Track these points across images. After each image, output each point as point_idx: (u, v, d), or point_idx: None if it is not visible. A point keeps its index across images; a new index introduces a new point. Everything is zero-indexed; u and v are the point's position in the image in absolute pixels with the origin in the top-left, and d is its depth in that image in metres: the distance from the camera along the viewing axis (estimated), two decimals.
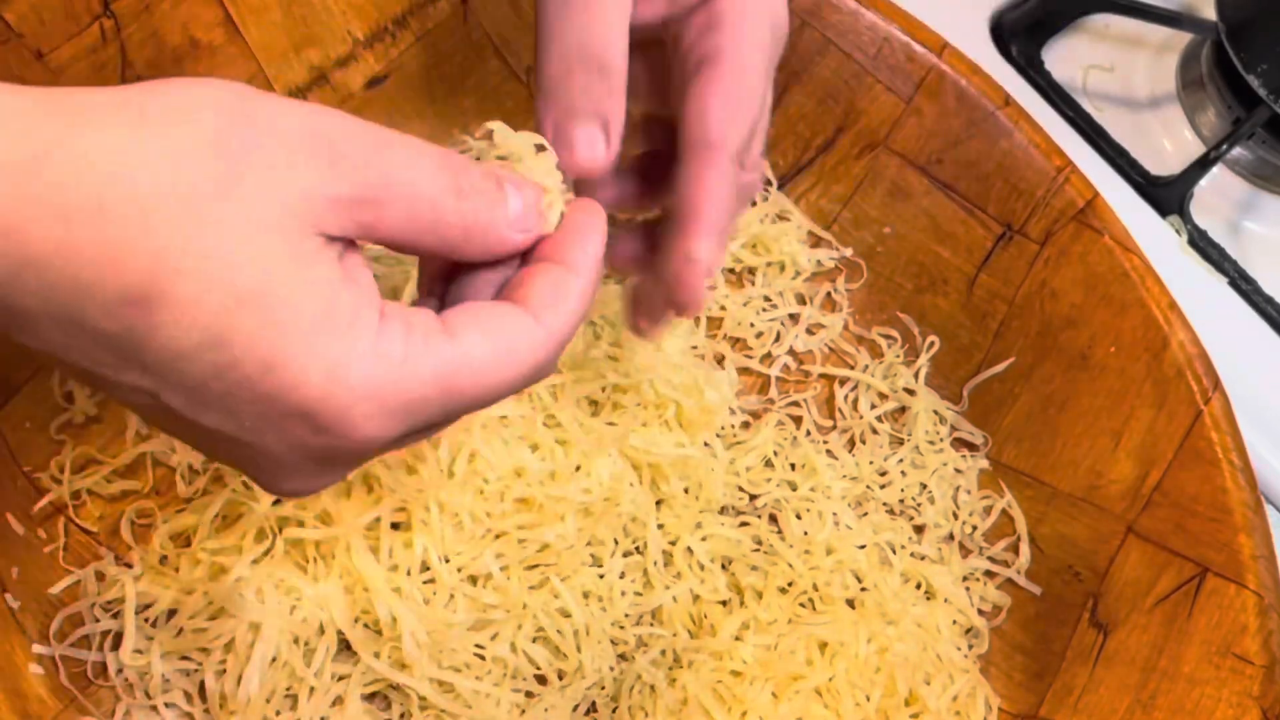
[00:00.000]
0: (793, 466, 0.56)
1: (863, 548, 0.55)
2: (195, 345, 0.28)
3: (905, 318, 0.60)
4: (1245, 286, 0.68)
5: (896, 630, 0.52)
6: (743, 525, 0.55)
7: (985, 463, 0.58)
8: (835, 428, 0.59)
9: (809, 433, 0.58)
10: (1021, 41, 0.72)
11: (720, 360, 0.58)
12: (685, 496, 0.53)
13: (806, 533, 0.54)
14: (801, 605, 0.53)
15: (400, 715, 0.48)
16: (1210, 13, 0.71)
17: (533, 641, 0.49)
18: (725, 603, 0.52)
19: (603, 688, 0.50)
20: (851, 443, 0.58)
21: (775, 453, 0.56)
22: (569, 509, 0.50)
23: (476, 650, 0.48)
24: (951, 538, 0.57)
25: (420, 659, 0.47)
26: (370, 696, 0.48)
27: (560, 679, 0.49)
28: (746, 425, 0.57)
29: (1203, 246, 0.68)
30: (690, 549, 0.53)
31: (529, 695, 0.49)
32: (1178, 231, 0.68)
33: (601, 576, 0.51)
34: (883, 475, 0.57)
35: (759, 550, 0.54)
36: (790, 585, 0.53)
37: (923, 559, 0.55)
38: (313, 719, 0.46)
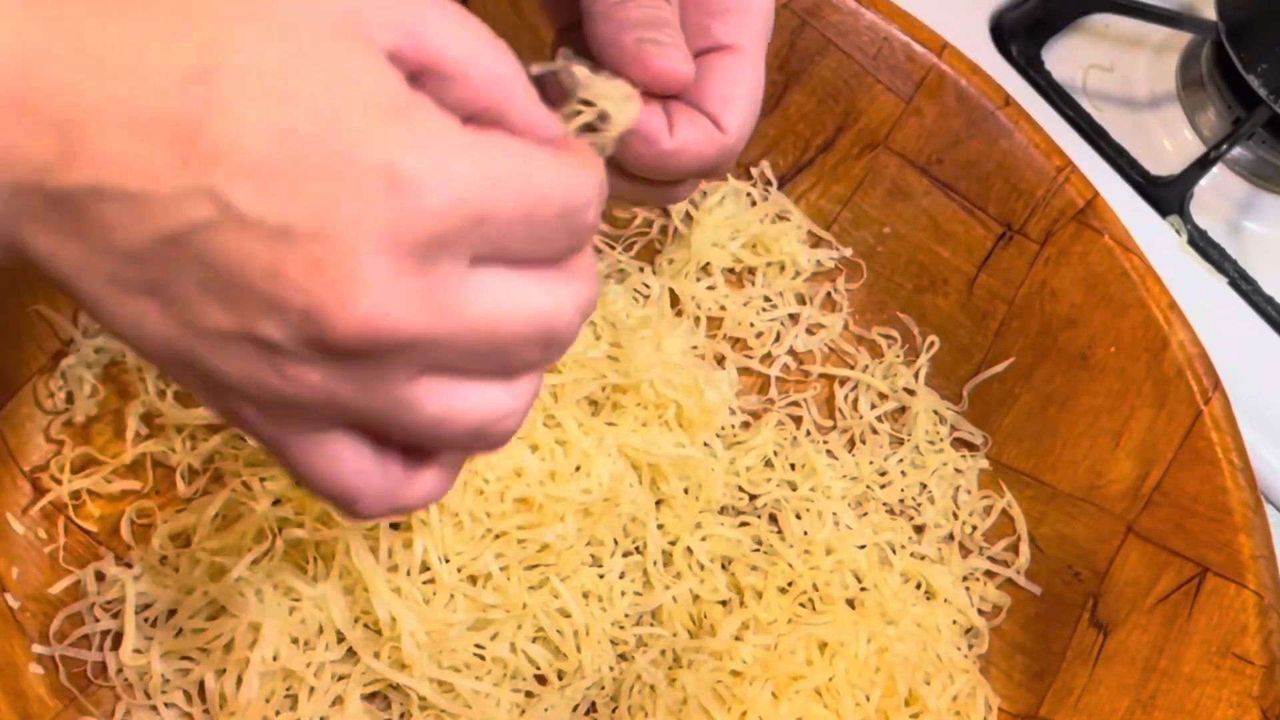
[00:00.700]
0: (793, 466, 0.56)
1: (863, 548, 0.55)
2: (254, 112, 0.28)
3: (905, 318, 0.60)
4: (1245, 286, 0.68)
5: (896, 630, 0.52)
6: (743, 525, 0.54)
7: (985, 463, 0.58)
8: (835, 428, 0.59)
9: (809, 433, 0.58)
10: (1021, 41, 0.72)
11: (720, 360, 0.58)
12: (685, 496, 0.53)
13: (806, 533, 0.54)
14: (801, 605, 0.53)
15: (400, 715, 0.48)
16: (1210, 13, 0.71)
17: (532, 641, 0.49)
18: (725, 603, 0.52)
19: (603, 688, 0.50)
20: (851, 443, 0.58)
21: (775, 453, 0.56)
22: (569, 509, 0.50)
23: (476, 650, 0.48)
24: (951, 538, 0.57)
25: (420, 659, 0.47)
26: (370, 696, 0.48)
27: (560, 679, 0.49)
28: (746, 425, 0.57)
29: (1203, 246, 0.68)
30: (690, 549, 0.53)
31: (529, 695, 0.49)
32: (1178, 231, 0.68)
33: (601, 576, 0.51)
34: (883, 475, 0.57)
35: (759, 550, 0.54)
36: (790, 585, 0.53)
37: (923, 559, 0.55)
38: (313, 719, 0.46)
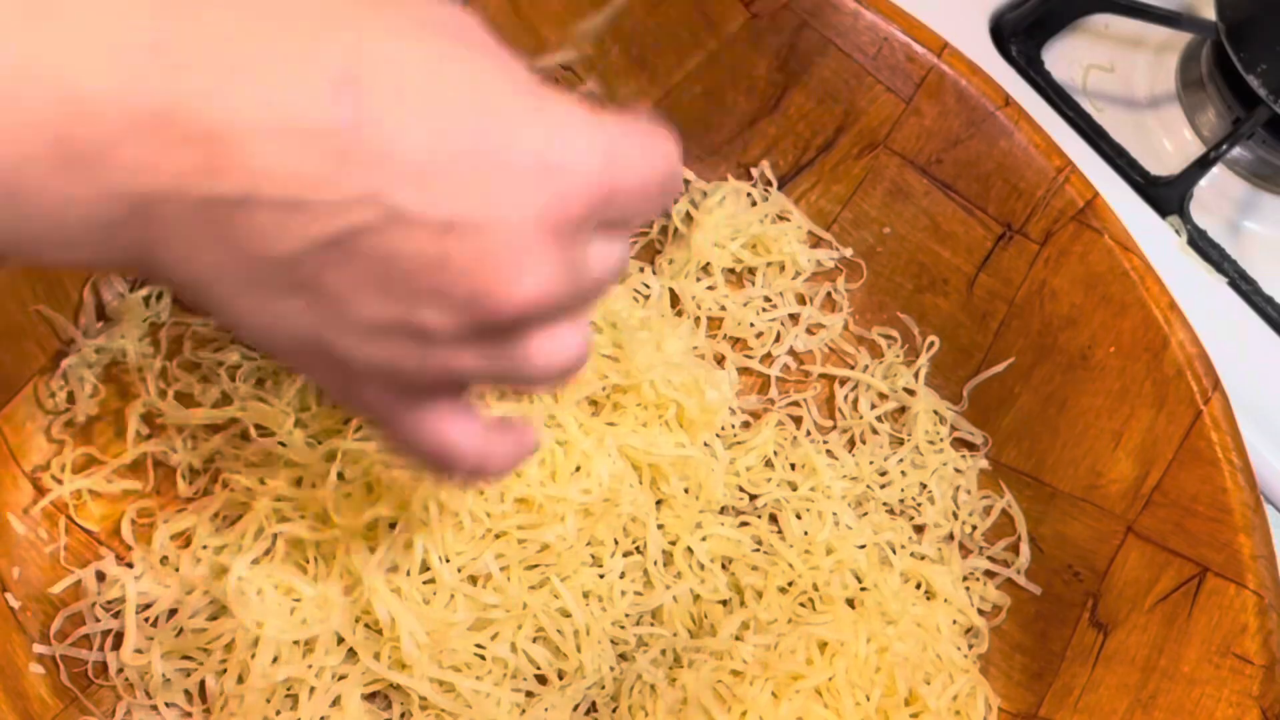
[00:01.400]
0: (793, 466, 0.56)
1: (863, 548, 0.55)
2: (411, 112, 0.28)
3: (905, 318, 0.60)
4: (1245, 286, 0.68)
5: (896, 630, 0.52)
6: (743, 525, 0.55)
7: (985, 463, 0.58)
8: (835, 428, 0.59)
9: (809, 433, 0.58)
10: (1021, 41, 0.72)
11: (720, 360, 0.58)
12: (685, 496, 0.53)
13: (806, 533, 0.54)
14: (801, 605, 0.53)
15: (401, 715, 0.48)
16: (1210, 13, 0.71)
17: (533, 641, 0.49)
18: (725, 602, 0.52)
19: (603, 687, 0.50)
20: (851, 443, 0.58)
21: (775, 453, 0.56)
22: (569, 509, 0.50)
23: (477, 650, 0.48)
24: (951, 538, 0.57)
25: (420, 659, 0.47)
26: (370, 696, 0.48)
27: (560, 678, 0.49)
28: (747, 425, 0.57)
29: (1203, 246, 0.68)
30: (690, 549, 0.53)
31: (529, 695, 0.49)
32: (1177, 231, 0.68)
33: (602, 576, 0.51)
34: (883, 475, 0.57)
35: (759, 550, 0.54)
36: (790, 585, 0.53)
37: (923, 559, 0.55)
38: (313, 719, 0.46)
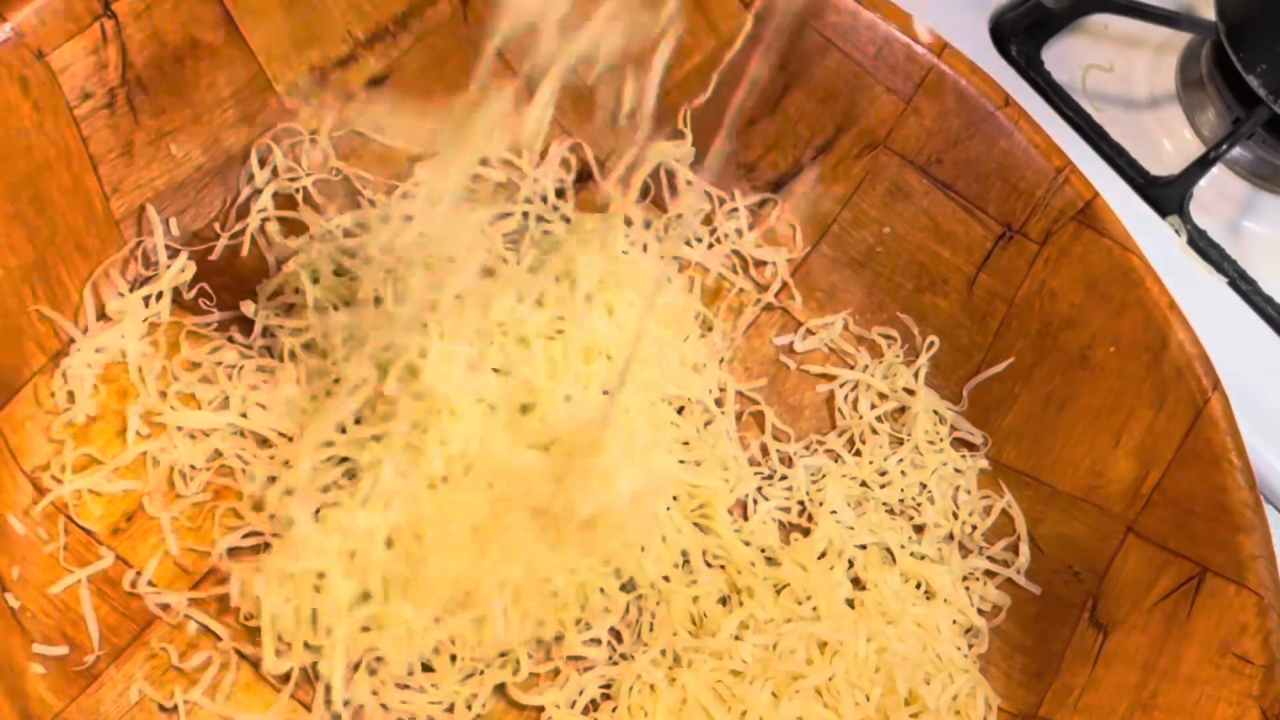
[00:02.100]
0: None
1: (863, 548, 0.55)
2: None
3: (905, 318, 0.60)
4: (1245, 286, 0.68)
5: (896, 630, 0.52)
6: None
7: (985, 463, 0.58)
8: (835, 428, 0.59)
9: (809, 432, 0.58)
10: (1021, 41, 0.72)
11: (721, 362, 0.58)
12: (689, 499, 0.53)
13: (807, 533, 0.54)
14: (800, 604, 0.53)
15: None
16: (1210, 13, 0.71)
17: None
18: (724, 601, 0.52)
19: (604, 687, 0.50)
20: (851, 443, 0.58)
21: (776, 453, 0.56)
22: None
23: None
24: (951, 538, 0.57)
25: None
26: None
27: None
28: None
29: (1203, 246, 0.68)
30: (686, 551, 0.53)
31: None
32: (1177, 231, 0.68)
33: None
34: (883, 475, 0.57)
35: (759, 550, 0.54)
36: (789, 585, 0.53)
37: (923, 559, 0.55)
38: None
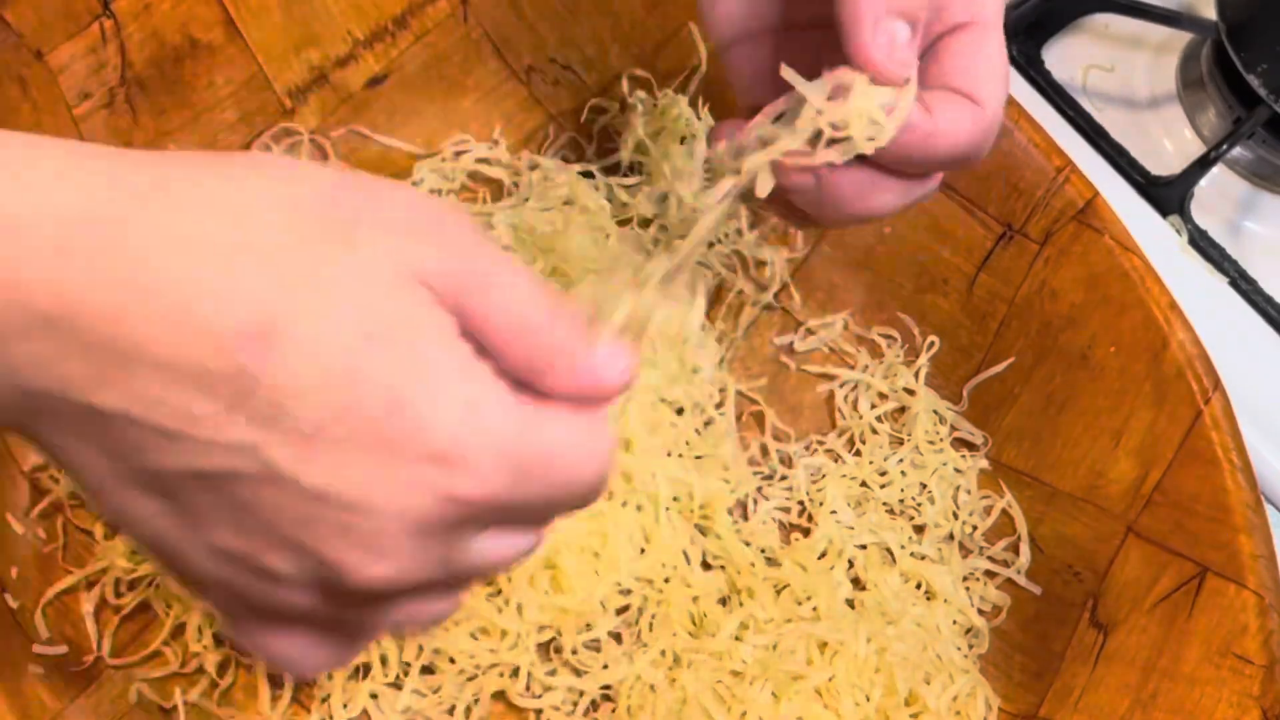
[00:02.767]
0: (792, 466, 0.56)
1: (863, 548, 0.55)
2: (316, 384, 0.27)
3: (905, 318, 0.60)
4: (1245, 286, 0.68)
5: (896, 630, 0.52)
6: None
7: (985, 463, 0.58)
8: (835, 428, 0.59)
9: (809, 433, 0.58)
10: (1021, 41, 0.72)
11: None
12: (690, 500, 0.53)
13: (807, 533, 0.54)
14: (800, 605, 0.53)
15: None
16: (1210, 12, 0.71)
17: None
18: (724, 602, 0.52)
19: (604, 688, 0.50)
20: (851, 443, 0.58)
21: (776, 453, 0.56)
22: None
23: None
24: (951, 538, 0.57)
25: None
26: None
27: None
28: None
29: (1203, 246, 0.68)
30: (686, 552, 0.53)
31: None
32: (1178, 231, 0.68)
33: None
34: (883, 475, 0.57)
35: (759, 550, 0.54)
36: (789, 585, 0.53)
37: (923, 559, 0.55)
38: None
